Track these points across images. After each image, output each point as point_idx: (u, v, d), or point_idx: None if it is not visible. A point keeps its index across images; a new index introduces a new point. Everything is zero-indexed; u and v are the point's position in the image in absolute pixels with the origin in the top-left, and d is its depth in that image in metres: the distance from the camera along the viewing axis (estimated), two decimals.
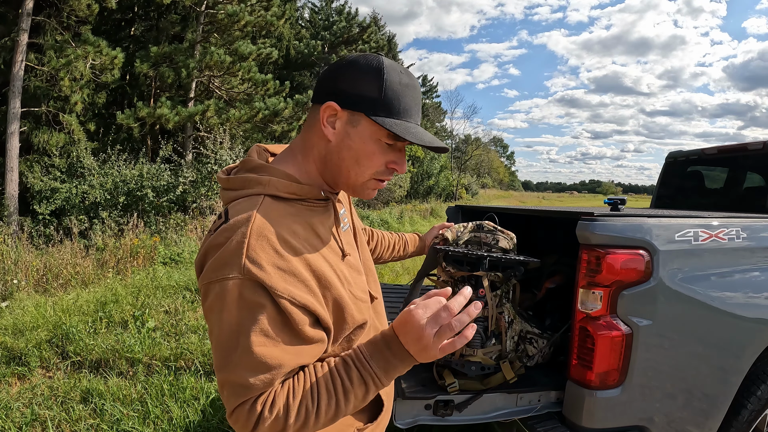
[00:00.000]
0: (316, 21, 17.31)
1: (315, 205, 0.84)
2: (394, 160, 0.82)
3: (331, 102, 0.78)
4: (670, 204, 3.64)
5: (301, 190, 0.80)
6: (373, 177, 0.82)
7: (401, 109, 0.79)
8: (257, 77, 10.40)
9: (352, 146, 0.79)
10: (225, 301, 0.70)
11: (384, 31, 23.75)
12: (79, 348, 3.31)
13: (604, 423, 1.43)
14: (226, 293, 0.70)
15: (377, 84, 0.77)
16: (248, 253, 0.70)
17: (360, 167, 0.80)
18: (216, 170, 8.37)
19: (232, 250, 0.71)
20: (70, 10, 8.09)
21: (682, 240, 1.47)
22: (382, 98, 0.77)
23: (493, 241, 1.62)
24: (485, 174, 50.19)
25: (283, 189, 0.79)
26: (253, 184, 0.80)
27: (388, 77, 0.78)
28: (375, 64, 0.78)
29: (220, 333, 0.72)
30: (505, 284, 1.60)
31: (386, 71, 0.78)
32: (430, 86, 36.40)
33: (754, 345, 1.56)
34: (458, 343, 0.74)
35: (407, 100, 0.79)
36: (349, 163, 0.80)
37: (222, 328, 0.71)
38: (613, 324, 1.39)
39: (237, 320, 0.70)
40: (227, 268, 0.70)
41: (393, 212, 14.58)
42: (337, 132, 0.80)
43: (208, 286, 0.73)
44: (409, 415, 1.45)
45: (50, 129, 8.40)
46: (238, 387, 0.71)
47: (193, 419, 2.56)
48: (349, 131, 0.79)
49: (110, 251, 5.75)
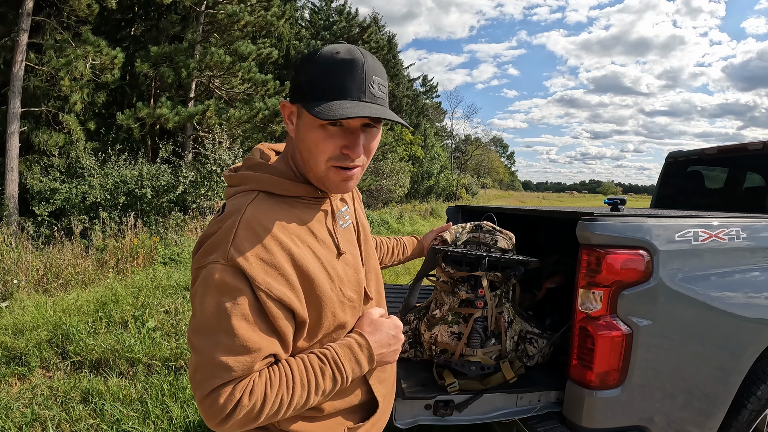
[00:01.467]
0: (316, 21, 17.30)
1: (311, 203, 0.86)
2: (345, 144, 0.78)
3: (283, 100, 0.84)
4: (671, 204, 3.64)
5: (295, 187, 0.83)
6: (330, 164, 0.80)
7: (329, 89, 0.75)
8: (257, 77, 10.40)
9: (303, 137, 0.80)
10: (208, 284, 0.73)
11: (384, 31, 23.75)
12: (79, 348, 3.31)
13: (604, 423, 1.43)
14: (210, 277, 0.73)
15: (304, 72, 0.78)
16: (234, 241, 0.74)
17: (313, 156, 0.80)
18: (216, 170, 8.38)
19: (220, 238, 0.75)
20: (70, 10, 8.09)
21: (682, 240, 1.47)
22: (308, 85, 0.77)
23: (491, 241, 1.62)
24: (485, 174, 50.19)
25: (276, 186, 0.82)
26: (249, 181, 0.83)
27: (314, 62, 0.77)
28: (307, 54, 0.79)
29: (202, 315, 0.73)
30: (505, 284, 1.60)
31: (316, 57, 0.77)
32: (430, 86, 36.39)
33: (754, 345, 1.56)
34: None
35: (339, 78, 0.75)
36: (305, 154, 0.81)
37: (204, 311, 0.73)
38: (613, 324, 1.39)
39: (218, 303, 0.72)
40: (213, 254, 0.74)
41: (393, 212, 14.57)
42: (295, 127, 0.82)
43: (196, 272, 0.77)
44: (409, 415, 1.45)
45: (50, 129, 8.40)
46: (217, 368, 0.71)
47: (193, 419, 2.56)
48: (298, 124, 0.81)
49: (110, 251, 5.75)
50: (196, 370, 0.74)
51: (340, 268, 0.86)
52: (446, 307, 1.60)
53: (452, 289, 1.58)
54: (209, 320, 0.73)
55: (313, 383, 0.78)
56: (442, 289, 1.64)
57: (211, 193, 8.28)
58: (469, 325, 1.49)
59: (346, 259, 0.88)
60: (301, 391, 0.77)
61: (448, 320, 1.59)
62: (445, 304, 1.62)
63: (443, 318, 1.60)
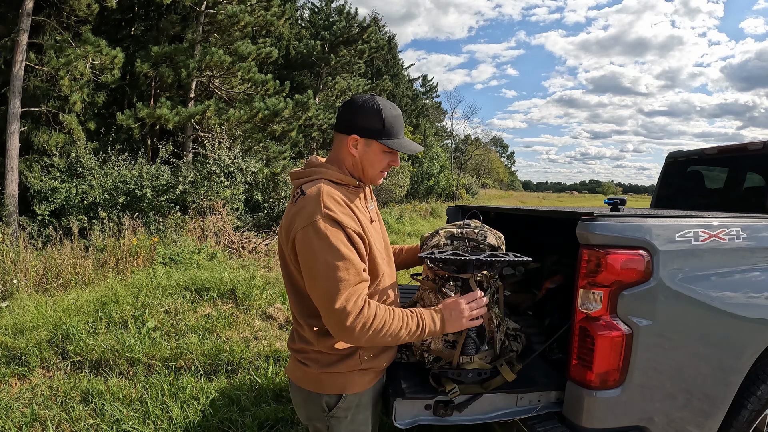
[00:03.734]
0: (316, 21, 17.29)
1: (352, 190, 1.35)
2: (391, 160, 1.38)
3: (354, 134, 1.31)
4: (671, 204, 3.64)
5: (345, 179, 1.33)
6: (380, 171, 1.38)
7: (394, 132, 1.33)
8: (257, 77, 10.39)
9: (368, 158, 1.34)
10: (319, 234, 1.16)
11: (384, 31, 23.75)
12: (79, 348, 3.31)
13: (604, 423, 1.43)
14: (317, 229, 1.17)
15: (380, 119, 1.30)
16: (324, 204, 1.20)
17: (374, 168, 1.36)
18: (215, 170, 8.39)
19: (313, 205, 1.20)
20: (70, 9, 8.09)
21: (682, 240, 1.47)
22: (384, 128, 1.31)
23: (480, 236, 1.58)
24: (485, 174, 50.20)
25: (335, 176, 1.31)
26: (317, 173, 1.32)
27: (384, 114, 1.30)
28: (376, 107, 1.31)
29: (325, 254, 1.16)
30: (492, 286, 1.55)
31: (383, 110, 1.30)
32: (430, 86, 36.39)
33: (754, 345, 1.56)
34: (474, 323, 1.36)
35: (396, 125, 1.34)
36: (366, 165, 1.35)
37: (325, 251, 1.16)
38: (613, 324, 1.39)
39: (332, 243, 1.16)
40: (313, 215, 1.18)
41: (393, 212, 14.57)
42: (359, 150, 1.33)
43: (302, 233, 1.18)
44: (409, 415, 1.45)
45: (50, 129, 8.39)
46: (340, 281, 1.14)
47: (193, 419, 2.56)
48: (366, 150, 1.33)
49: (110, 251, 5.74)
50: (324, 290, 1.15)
51: (372, 230, 1.35)
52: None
53: (439, 288, 1.52)
54: (325, 254, 1.15)
55: (406, 320, 1.24)
56: (428, 288, 1.58)
57: (210, 194, 8.27)
58: (463, 334, 1.42)
59: (375, 226, 1.41)
60: (398, 322, 1.22)
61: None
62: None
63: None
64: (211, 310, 4.33)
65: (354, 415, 1.36)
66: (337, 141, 1.35)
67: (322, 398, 1.33)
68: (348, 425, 1.36)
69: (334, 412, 1.33)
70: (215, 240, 7.43)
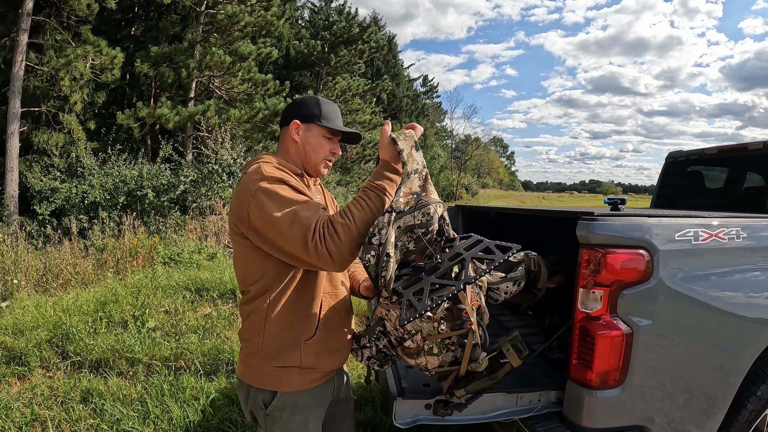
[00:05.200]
0: (316, 21, 17.29)
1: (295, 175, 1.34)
2: (332, 148, 1.42)
3: (295, 120, 1.38)
4: (671, 204, 3.64)
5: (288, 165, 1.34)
6: (323, 158, 1.40)
7: (332, 118, 1.41)
8: (257, 77, 10.39)
9: (310, 142, 1.39)
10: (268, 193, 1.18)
11: (384, 31, 23.77)
12: (79, 348, 3.31)
13: (604, 423, 1.43)
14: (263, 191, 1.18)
15: (318, 107, 1.39)
16: (264, 170, 1.23)
17: (316, 153, 1.39)
18: (216, 170, 8.39)
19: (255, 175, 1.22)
20: (70, 10, 8.09)
21: (682, 240, 1.47)
22: (322, 113, 1.39)
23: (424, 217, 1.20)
24: (485, 174, 50.21)
25: (276, 160, 1.33)
26: (257, 160, 1.34)
27: (321, 102, 1.40)
28: (314, 99, 1.42)
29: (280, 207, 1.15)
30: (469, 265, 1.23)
31: (320, 101, 1.41)
32: (431, 86, 36.41)
33: (754, 345, 1.56)
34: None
35: (334, 114, 1.42)
36: (309, 150, 1.39)
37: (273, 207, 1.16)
38: (614, 324, 1.39)
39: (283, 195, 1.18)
40: (258, 182, 1.20)
41: None
42: (301, 136, 1.39)
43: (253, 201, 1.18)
44: (409, 414, 1.45)
45: (50, 129, 8.40)
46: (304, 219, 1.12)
47: (193, 419, 2.56)
48: (307, 134, 1.39)
49: (110, 251, 5.74)
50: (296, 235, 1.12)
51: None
52: (419, 337, 1.25)
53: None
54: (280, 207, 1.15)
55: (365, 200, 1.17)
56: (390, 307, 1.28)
57: (211, 193, 8.27)
58: (467, 351, 1.24)
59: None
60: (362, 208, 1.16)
61: (434, 352, 1.26)
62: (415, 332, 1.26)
63: (424, 350, 1.27)
64: (211, 310, 4.33)
65: (290, 416, 1.30)
66: (282, 135, 1.41)
67: (258, 394, 1.30)
68: (284, 426, 1.30)
69: (269, 410, 1.29)
70: (215, 240, 7.43)
